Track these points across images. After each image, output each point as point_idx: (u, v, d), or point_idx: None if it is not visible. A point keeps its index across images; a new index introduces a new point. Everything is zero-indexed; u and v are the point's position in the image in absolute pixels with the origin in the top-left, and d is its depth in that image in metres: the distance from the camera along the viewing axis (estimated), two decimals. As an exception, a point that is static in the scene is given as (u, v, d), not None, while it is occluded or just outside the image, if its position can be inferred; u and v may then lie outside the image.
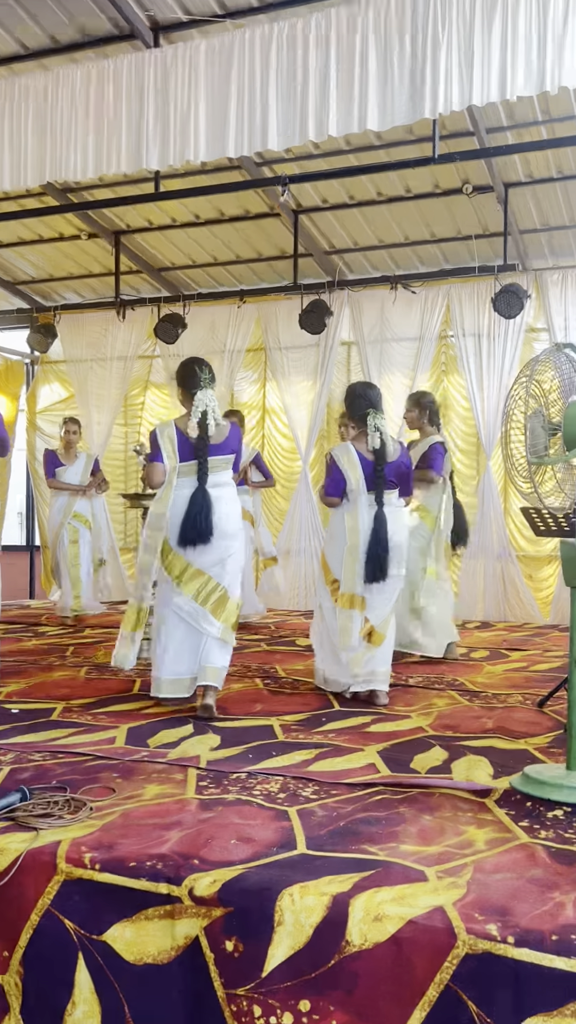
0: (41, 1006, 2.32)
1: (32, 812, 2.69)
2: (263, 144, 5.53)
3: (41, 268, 9.89)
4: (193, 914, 2.21)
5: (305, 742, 3.75)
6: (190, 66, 5.70)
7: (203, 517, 4.36)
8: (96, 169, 5.90)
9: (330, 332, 8.95)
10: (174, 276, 9.80)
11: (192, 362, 4.71)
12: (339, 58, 5.31)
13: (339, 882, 2.22)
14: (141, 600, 4.53)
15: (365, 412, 4.88)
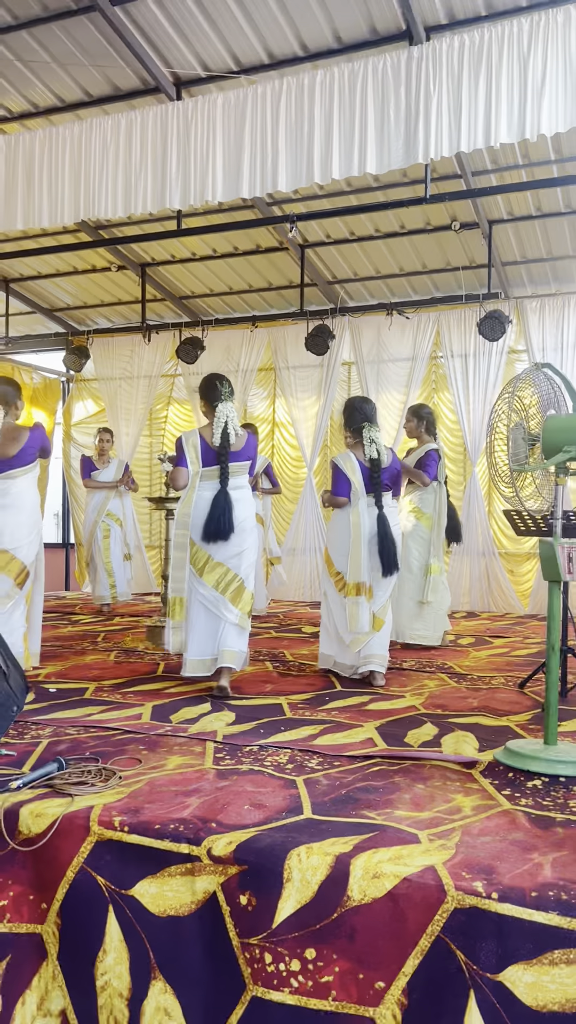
0: (75, 953, 2.32)
1: (68, 780, 2.69)
2: (273, 186, 5.53)
3: (76, 296, 9.90)
4: (211, 871, 2.21)
5: (311, 719, 3.74)
6: (208, 117, 5.72)
7: (225, 516, 4.41)
8: (125, 208, 5.91)
9: (333, 353, 8.94)
10: (194, 304, 9.80)
11: (213, 378, 4.72)
12: (341, 109, 5.32)
13: (341, 844, 2.21)
14: (181, 592, 4.52)
15: (361, 425, 4.93)
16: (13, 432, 4.69)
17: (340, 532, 4.86)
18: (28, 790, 2.61)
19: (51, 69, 6.26)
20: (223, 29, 5.74)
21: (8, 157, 6.24)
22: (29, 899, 2.41)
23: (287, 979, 2.07)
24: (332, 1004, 2.02)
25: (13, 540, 4.61)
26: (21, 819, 2.44)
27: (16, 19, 5.83)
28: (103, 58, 6.10)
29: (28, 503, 4.72)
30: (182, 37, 5.84)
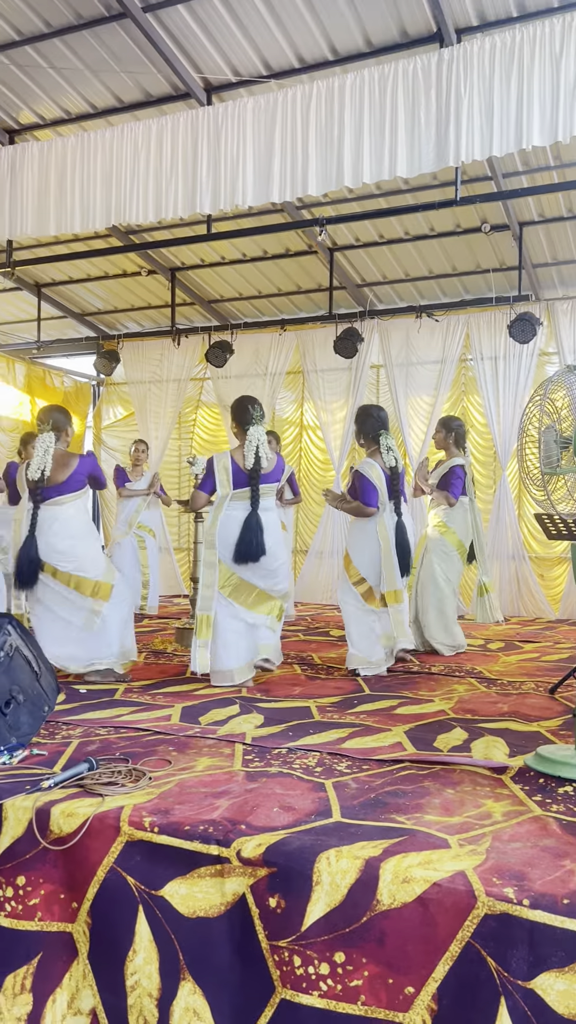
0: (106, 952, 2.33)
1: (98, 780, 2.71)
2: (304, 190, 5.54)
3: (106, 301, 9.99)
4: (240, 873, 2.22)
5: (339, 722, 3.74)
6: (239, 121, 5.74)
7: (257, 538, 4.51)
8: (156, 213, 5.95)
9: (361, 356, 8.93)
10: (223, 307, 9.84)
11: (246, 401, 4.82)
12: (371, 113, 5.31)
13: (371, 847, 2.21)
14: (208, 611, 4.58)
15: (379, 432, 5.04)
16: (63, 459, 4.72)
17: (367, 540, 4.92)
18: (59, 790, 2.63)
19: (83, 76, 6.32)
20: (253, 34, 5.76)
21: (41, 164, 6.30)
22: (60, 898, 2.43)
23: (316, 982, 2.07)
24: (361, 1008, 2.02)
25: (72, 562, 4.61)
26: (52, 818, 2.46)
27: (49, 27, 5.90)
28: (134, 64, 6.15)
29: (77, 528, 4.71)
30: (212, 42, 5.87)
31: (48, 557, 4.57)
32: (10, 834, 2.49)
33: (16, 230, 6.39)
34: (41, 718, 3.23)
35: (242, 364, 9.54)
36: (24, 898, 2.44)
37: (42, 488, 4.63)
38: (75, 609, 4.59)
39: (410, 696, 4.37)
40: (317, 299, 9.33)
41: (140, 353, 10.21)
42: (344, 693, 4.44)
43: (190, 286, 9.39)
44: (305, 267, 8.77)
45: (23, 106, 6.74)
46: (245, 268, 8.89)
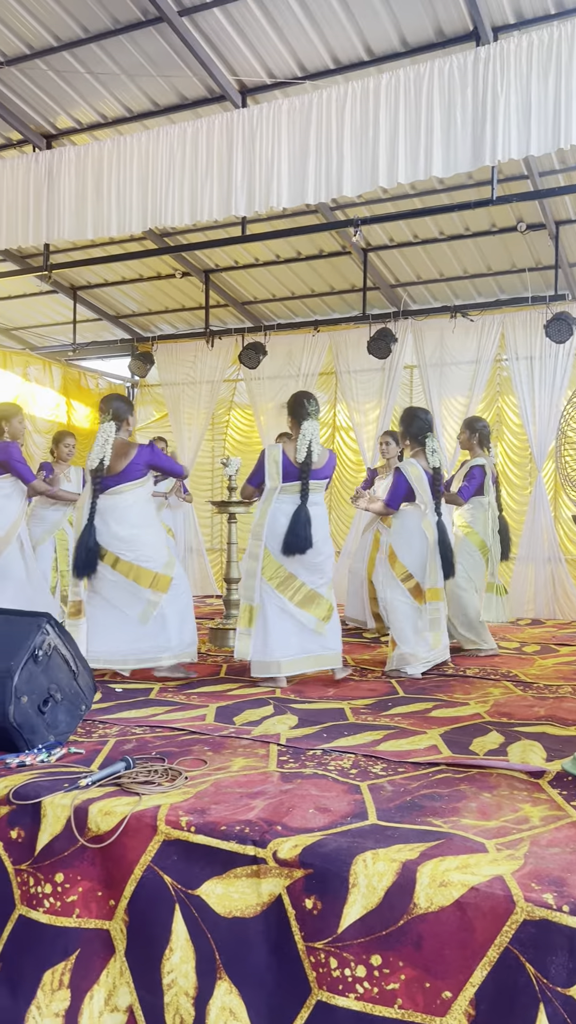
0: (142, 950, 2.35)
1: (135, 779, 2.73)
2: (338, 191, 5.54)
3: (141, 303, 10.07)
4: (276, 874, 2.22)
5: (374, 724, 3.73)
6: (274, 123, 5.75)
7: (305, 531, 4.55)
8: (191, 216, 5.99)
9: (395, 357, 8.90)
10: (256, 309, 9.87)
11: (302, 396, 4.87)
12: (407, 113, 5.30)
13: (407, 850, 2.20)
14: (251, 600, 4.62)
15: (425, 435, 5.14)
16: (123, 448, 4.75)
17: (413, 537, 5.01)
18: (97, 788, 2.65)
19: (119, 80, 6.38)
20: (288, 35, 5.77)
21: (78, 168, 6.37)
22: (97, 895, 2.45)
23: (352, 985, 2.06)
24: (398, 1012, 2.01)
25: (134, 551, 4.64)
26: (90, 816, 2.49)
27: (87, 32, 5.96)
28: (170, 68, 6.19)
29: (138, 516, 4.73)
30: (247, 44, 5.89)
31: (110, 545, 4.61)
32: (49, 831, 2.52)
33: (53, 234, 6.47)
34: (78, 717, 3.27)
35: (275, 365, 9.56)
36: (62, 895, 2.47)
37: (102, 478, 4.66)
38: (133, 601, 4.62)
39: (445, 699, 4.34)
40: (350, 300, 9.32)
41: (174, 355, 10.28)
42: (378, 695, 4.43)
43: (224, 288, 9.43)
44: (339, 268, 8.76)
45: (60, 111, 6.82)
46: (279, 269, 8.90)
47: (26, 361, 9.51)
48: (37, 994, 2.41)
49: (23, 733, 2.99)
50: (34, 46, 6.17)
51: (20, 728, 2.97)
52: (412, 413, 5.29)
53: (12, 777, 2.75)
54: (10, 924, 2.52)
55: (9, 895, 2.54)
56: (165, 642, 4.65)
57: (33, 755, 2.96)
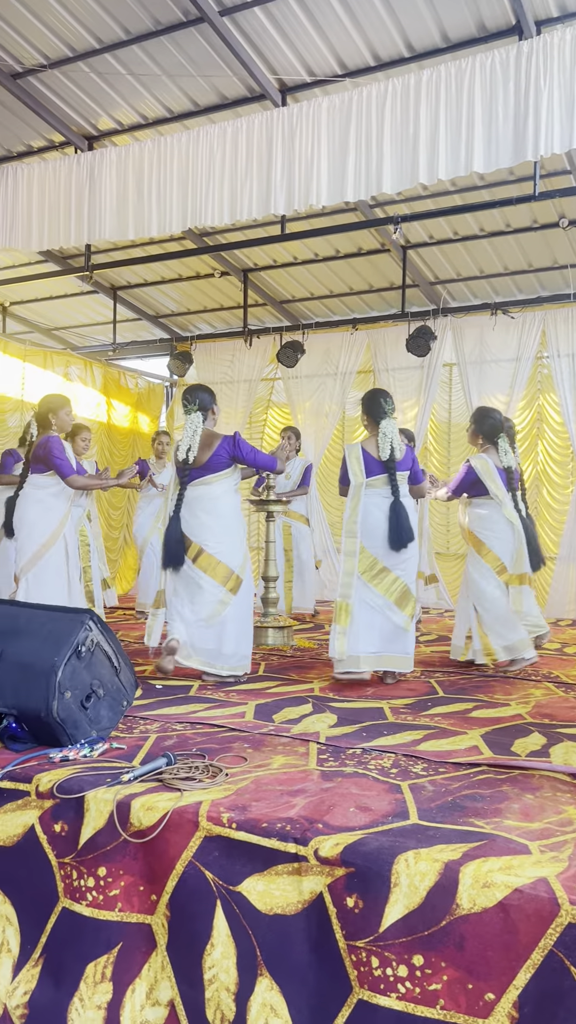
0: (184, 945, 2.37)
1: (176, 775, 2.75)
2: (378, 188, 5.51)
3: (180, 303, 10.12)
4: (318, 872, 2.22)
5: (413, 724, 3.71)
6: (313, 121, 5.75)
7: (406, 524, 4.65)
8: (231, 215, 6.00)
9: (434, 355, 8.84)
10: (294, 307, 9.87)
11: (378, 395, 4.94)
12: (448, 109, 5.26)
13: (449, 851, 2.19)
14: (348, 598, 4.62)
15: (497, 435, 5.33)
16: (208, 439, 4.75)
17: (499, 527, 5.18)
18: (139, 783, 2.68)
19: (160, 81, 6.42)
20: (328, 33, 5.76)
21: (119, 169, 6.43)
22: (139, 890, 2.47)
23: (394, 984, 2.06)
24: (440, 1013, 2.00)
25: (217, 544, 4.67)
26: (133, 811, 2.51)
27: (129, 34, 6.01)
28: (210, 68, 6.21)
29: (227, 508, 4.76)
30: (288, 43, 5.90)
31: (198, 535, 4.64)
32: (92, 825, 2.55)
33: (95, 234, 6.53)
34: (120, 712, 3.30)
35: (313, 364, 9.55)
36: (105, 888, 2.49)
37: (189, 469, 4.69)
38: (205, 600, 4.63)
39: (485, 699, 4.31)
40: (389, 297, 9.28)
41: (212, 354, 10.32)
42: (417, 695, 4.41)
43: (262, 287, 9.44)
44: (377, 265, 8.73)
45: (102, 113, 6.88)
46: (317, 268, 8.89)
47: (67, 361, 9.62)
48: (80, 986, 2.44)
49: (66, 728, 3.02)
50: (76, 48, 6.24)
51: (63, 723, 3.01)
52: (485, 412, 5.46)
53: (56, 771, 2.78)
54: (54, 916, 2.55)
55: (53, 888, 2.58)
56: (219, 648, 4.63)
57: (76, 750, 2.99)
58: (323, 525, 9.74)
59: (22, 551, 5.14)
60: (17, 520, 5.17)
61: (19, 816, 2.69)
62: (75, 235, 6.68)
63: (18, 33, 6.13)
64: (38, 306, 10.35)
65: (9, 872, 2.67)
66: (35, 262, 9.17)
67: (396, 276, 8.69)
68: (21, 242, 6.93)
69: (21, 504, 5.17)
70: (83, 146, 7.15)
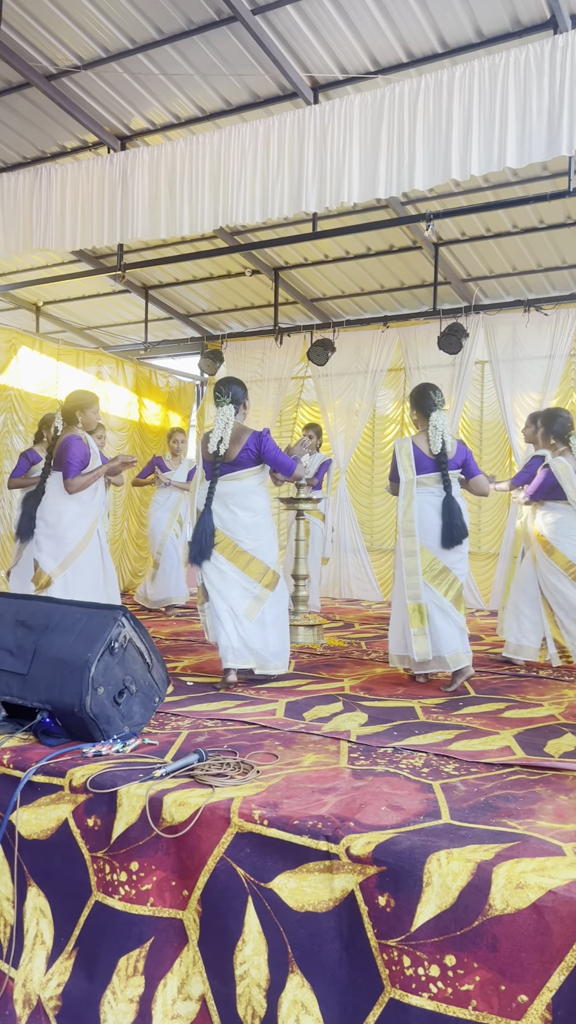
0: (215, 941, 2.38)
1: (208, 771, 2.76)
2: (410, 185, 5.48)
3: (211, 302, 10.16)
4: (349, 870, 2.22)
5: (445, 723, 3.70)
6: (345, 118, 5.72)
7: (460, 520, 4.61)
8: (262, 213, 6.00)
9: (465, 352, 8.78)
10: (325, 306, 9.86)
11: (427, 388, 4.89)
12: (481, 104, 5.21)
13: (482, 851, 2.17)
14: (418, 599, 4.57)
15: (570, 433, 5.32)
16: (238, 433, 4.67)
17: (572, 529, 5.15)
18: (170, 779, 2.69)
19: (193, 80, 6.44)
20: (361, 30, 5.74)
21: (151, 168, 6.45)
22: (171, 885, 2.49)
23: (426, 984, 2.05)
24: (472, 1014, 1.99)
25: (253, 540, 4.61)
26: (165, 807, 2.53)
27: (161, 34, 6.04)
28: (243, 67, 6.22)
29: (260, 504, 4.70)
30: (320, 40, 5.88)
31: (232, 531, 4.56)
32: (125, 820, 2.57)
33: (127, 234, 6.56)
34: (152, 708, 3.32)
35: (343, 362, 9.54)
36: (137, 883, 2.51)
37: (220, 463, 4.63)
38: (242, 594, 4.55)
39: (517, 700, 4.28)
40: (420, 295, 9.23)
41: (242, 353, 10.34)
42: (449, 695, 4.38)
43: (293, 285, 9.44)
44: (409, 263, 8.69)
45: (134, 112, 6.92)
46: (348, 266, 8.87)
47: (99, 360, 9.69)
48: (112, 979, 2.46)
49: (99, 723, 3.05)
50: (110, 49, 6.28)
51: (96, 718, 3.04)
52: (555, 412, 5.44)
53: (89, 766, 2.81)
54: (87, 910, 2.58)
55: (86, 881, 2.60)
56: (266, 647, 4.57)
57: (109, 745, 3.02)
58: (352, 524, 9.72)
59: (56, 551, 5.03)
60: (53, 520, 5.05)
61: (53, 810, 2.72)
62: (108, 235, 6.72)
63: (52, 35, 6.18)
64: (71, 305, 10.44)
65: (43, 865, 2.70)
66: (68, 262, 9.25)
67: (428, 273, 8.65)
68: (55, 242, 6.98)
69: (54, 504, 5.05)
70: (116, 146, 7.19)
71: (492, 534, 9.11)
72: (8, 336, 8.45)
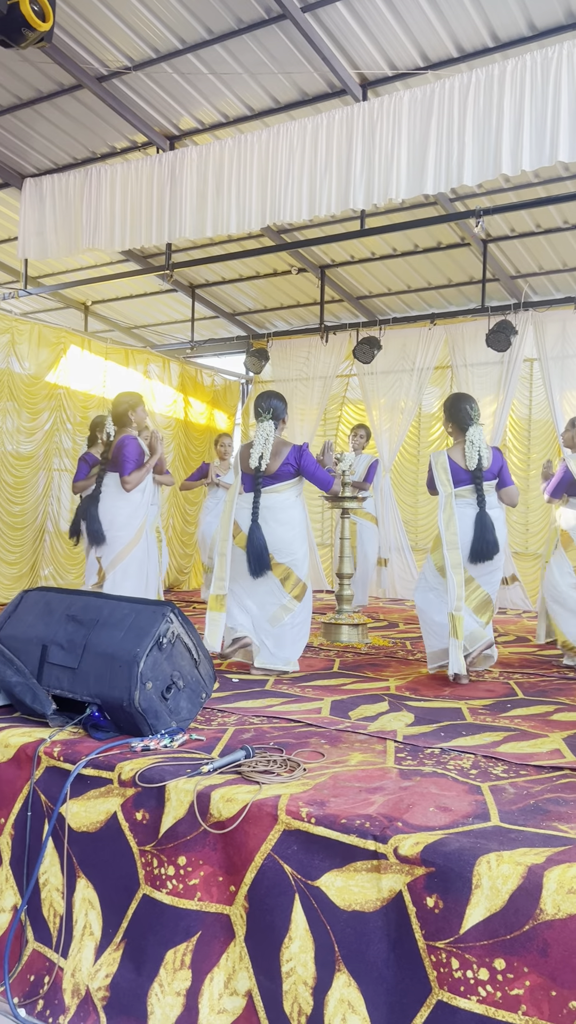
0: (262, 937, 2.38)
1: (255, 768, 2.77)
2: (459, 180, 5.44)
3: (257, 300, 10.18)
4: (397, 870, 2.21)
5: (493, 725, 3.66)
6: (394, 115, 5.70)
7: (492, 536, 4.58)
8: (309, 211, 6.01)
9: (514, 350, 8.68)
10: (371, 303, 9.82)
11: (462, 401, 4.87)
12: (533, 98, 5.15)
13: (533, 855, 2.14)
14: (459, 611, 4.56)
15: None
16: (278, 447, 4.79)
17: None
18: (218, 775, 2.71)
19: (241, 79, 6.47)
20: (411, 25, 5.71)
21: (199, 167, 6.50)
22: (218, 880, 2.50)
23: (475, 987, 2.03)
24: (522, 1019, 1.97)
25: (290, 554, 4.72)
26: (212, 802, 2.54)
27: (211, 33, 6.07)
28: (292, 65, 6.22)
29: (296, 518, 4.80)
30: (370, 37, 5.86)
31: (271, 544, 4.66)
32: (173, 815, 2.59)
33: (175, 233, 6.62)
34: (199, 704, 3.34)
35: (388, 360, 9.50)
36: (184, 878, 2.53)
37: (262, 477, 4.72)
38: (270, 600, 4.69)
39: (567, 703, 4.21)
40: (468, 292, 9.15)
41: (288, 351, 10.35)
42: (496, 696, 4.34)
43: (339, 283, 9.43)
44: (457, 260, 8.62)
45: (184, 112, 6.97)
46: (395, 263, 8.83)
47: (147, 359, 9.78)
48: (160, 972, 2.48)
49: (147, 718, 3.08)
50: (160, 49, 6.33)
51: (144, 713, 3.06)
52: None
53: (137, 760, 2.84)
54: (135, 903, 2.60)
55: (134, 874, 2.63)
56: (278, 652, 4.73)
57: (156, 740, 3.04)
58: (396, 523, 9.68)
59: (107, 550, 5.26)
60: (107, 520, 5.26)
61: (102, 803, 2.76)
62: (156, 234, 6.79)
63: (103, 37, 6.25)
64: (118, 305, 10.56)
65: (92, 857, 2.74)
66: (116, 261, 9.35)
67: (476, 270, 8.57)
68: (104, 242, 7.08)
69: (111, 504, 5.26)
70: (164, 146, 7.25)
71: (540, 535, 9.00)
72: (58, 335, 8.58)
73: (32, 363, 8.25)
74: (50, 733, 3.12)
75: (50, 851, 2.82)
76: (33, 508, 8.31)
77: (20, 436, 8.14)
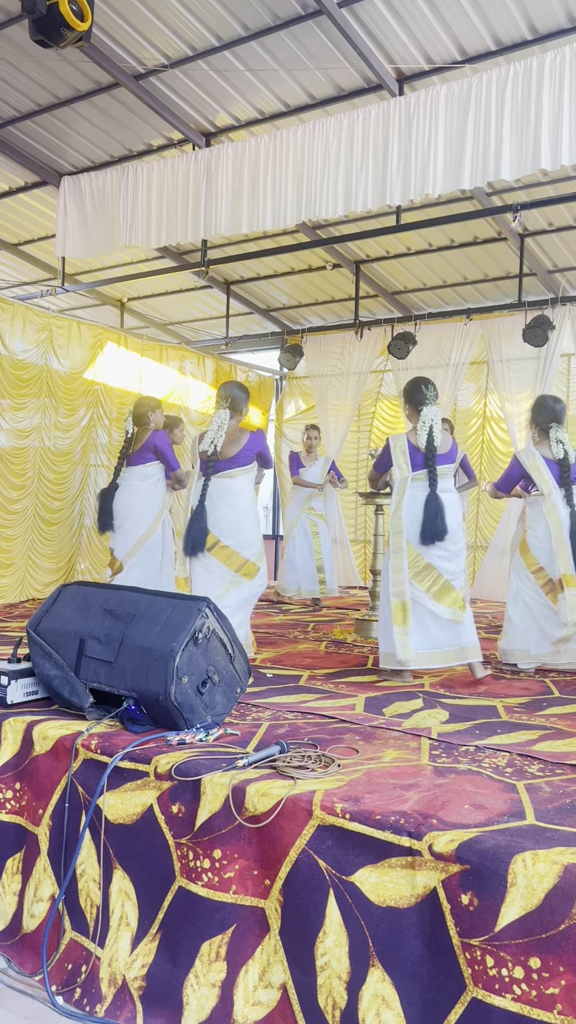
0: (296, 931, 2.40)
1: (289, 763, 2.79)
2: (496, 175, 5.38)
3: (291, 296, 10.18)
4: (432, 867, 2.21)
5: (528, 723, 3.64)
6: (430, 109, 5.66)
7: (440, 519, 4.51)
8: (345, 207, 5.99)
9: (551, 345, 8.57)
10: (406, 298, 9.77)
11: (419, 382, 4.87)
12: (572, 90, 5.08)
13: (569, 853, 2.13)
14: (403, 596, 4.54)
15: (548, 425, 5.05)
16: (235, 434, 4.99)
17: (539, 526, 4.88)
18: (252, 769, 2.73)
19: (277, 76, 6.46)
20: (448, 19, 5.66)
21: (235, 164, 6.51)
22: (253, 874, 2.52)
23: (509, 985, 2.03)
24: (558, 1018, 1.96)
25: (235, 536, 4.84)
26: (247, 797, 2.56)
27: (247, 30, 6.07)
28: (328, 60, 6.21)
29: (246, 502, 4.97)
30: (406, 31, 5.82)
31: (216, 528, 4.80)
32: (208, 808, 2.61)
33: (211, 229, 6.64)
34: (234, 699, 3.37)
35: (423, 355, 9.43)
36: (220, 871, 2.56)
37: (214, 461, 4.86)
38: (216, 583, 4.78)
39: (603, 702, 4.18)
40: (504, 287, 9.06)
41: (322, 347, 10.33)
42: (532, 694, 4.31)
43: (374, 278, 9.39)
44: (493, 254, 8.54)
45: (220, 109, 6.98)
46: (431, 258, 8.77)
47: (182, 355, 9.83)
48: (195, 963, 2.51)
49: (183, 712, 3.11)
50: (196, 47, 6.35)
51: (180, 707, 3.09)
52: (541, 403, 5.22)
53: (173, 754, 2.87)
54: (170, 895, 2.64)
55: (170, 866, 2.66)
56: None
57: (192, 734, 3.07)
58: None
59: (127, 538, 5.57)
60: (125, 510, 5.59)
61: (139, 796, 2.79)
62: (192, 231, 6.81)
63: (140, 35, 6.29)
64: (154, 301, 10.62)
65: (128, 849, 2.77)
66: (152, 258, 9.41)
67: (513, 265, 8.49)
68: (141, 239, 7.12)
69: (132, 495, 5.60)
70: (200, 143, 7.27)
71: None
72: (95, 332, 8.65)
73: (70, 360, 8.33)
74: (87, 726, 3.17)
75: (87, 842, 2.86)
76: (70, 504, 8.41)
77: (57, 432, 8.24)
